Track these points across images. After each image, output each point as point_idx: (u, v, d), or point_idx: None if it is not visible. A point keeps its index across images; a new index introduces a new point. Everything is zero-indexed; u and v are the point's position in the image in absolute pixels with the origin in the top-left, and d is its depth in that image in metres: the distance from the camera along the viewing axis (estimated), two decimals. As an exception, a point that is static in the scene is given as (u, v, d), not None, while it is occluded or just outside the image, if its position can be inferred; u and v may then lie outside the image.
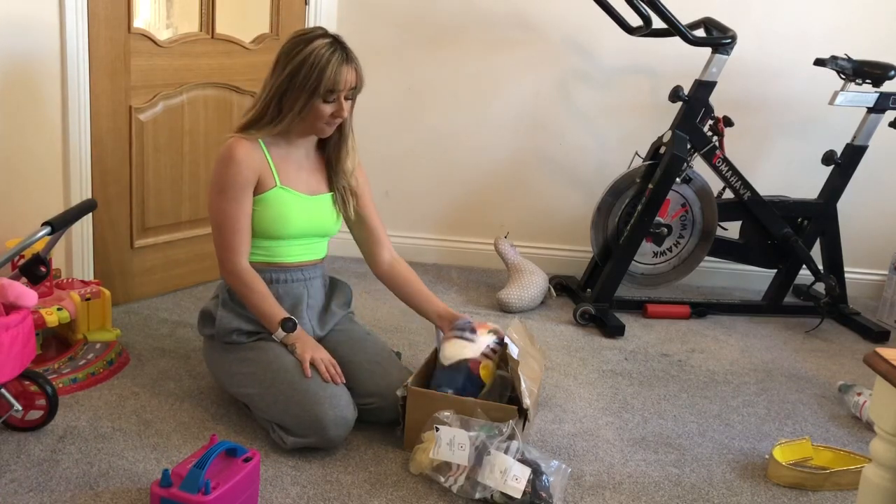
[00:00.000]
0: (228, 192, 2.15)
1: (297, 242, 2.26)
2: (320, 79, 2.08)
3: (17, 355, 1.97)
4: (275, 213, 2.19)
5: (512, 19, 3.48)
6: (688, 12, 3.16)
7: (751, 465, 2.26)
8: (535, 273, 3.31)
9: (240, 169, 2.14)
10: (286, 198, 2.21)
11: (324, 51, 2.09)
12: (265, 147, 2.19)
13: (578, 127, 3.59)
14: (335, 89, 2.11)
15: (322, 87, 2.09)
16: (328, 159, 2.30)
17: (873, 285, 3.71)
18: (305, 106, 2.12)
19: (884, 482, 1.58)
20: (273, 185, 2.19)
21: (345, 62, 2.11)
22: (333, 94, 2.12)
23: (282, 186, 2.20)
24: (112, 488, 1.92)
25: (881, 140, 3.31)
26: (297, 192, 2.22)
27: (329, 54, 2.09)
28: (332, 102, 2.13)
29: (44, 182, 2.63)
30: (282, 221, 2.21)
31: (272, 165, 2.19)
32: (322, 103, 2.12)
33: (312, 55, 2.08)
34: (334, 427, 2.07)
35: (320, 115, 2.14)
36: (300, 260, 2.27)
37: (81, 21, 2.57)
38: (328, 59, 2.08)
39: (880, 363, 1.53)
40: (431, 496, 1.99)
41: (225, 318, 2.22)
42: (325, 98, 2.11)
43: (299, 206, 2.23)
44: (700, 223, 3.30)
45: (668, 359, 2.91)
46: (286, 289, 2.26)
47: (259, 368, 2.17)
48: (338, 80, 2.10)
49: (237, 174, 2.14)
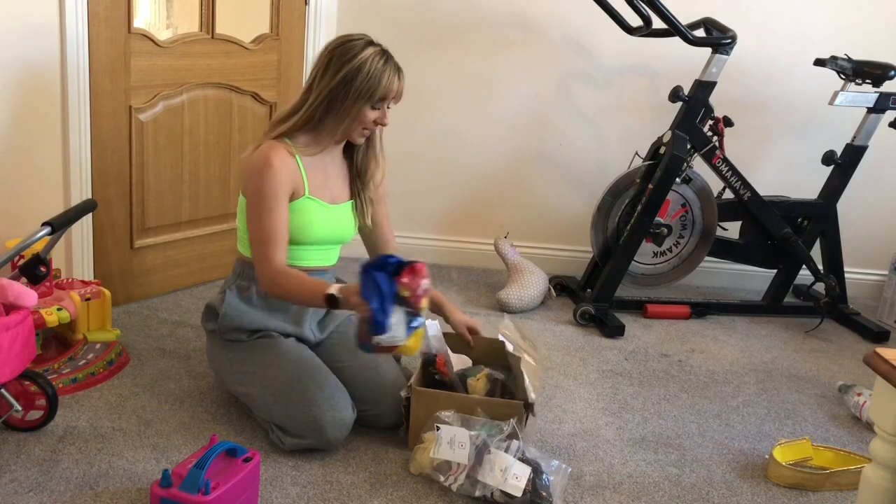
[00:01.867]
0: (268, 203, 2.09)
1: (314, 248, 2.25)
2: (378, 85, 2.10)
3: (17, 355, 1.97)
4: (300, 222, 2.17)
5: (512, 19, 3.48)
6: (688, 12, 3.16)
7: (751, 465, 2.26)
8: (535, 273, 3.31)
9: (278, 178, 2.10)
10: (311, 207, 2.19)
11: (379, 58, 2.11)
12: (298, 157, 2.16)
13: (578, 127, 3.59)
14: (387, 97, 2.13)
15: (377, 94, 2.10)
16: (356, 167, 2.29)
17: (873, 285, 3.71)
18: (354, 110, 2.12)
19: (884, 482, 1.58)
20: (303, 195, 2.17)
21: (397, 72, 2.14)
22: (384, 101, 2.14)
23: (309, 196, 2.18)
24: (112, 488, 1.92)
25: (881, 140, 3.32)
26: (320, 202, 2.21)
27: (384, 63, 2.12)
28: (378, 109, 2.15)
29: (44, 182, 2.63)
30: (305, 230, 2.19)
31: (304, 174, 2.17)
32: (370, 109, 2.13)
33: (370, 62, 2.09)
34: (332, 429, 2.07)
35: (364, 120, 2.14)
36: (314, 265, 2.26)
37: (81, 21, 2.57)
38: (383, 67, 2.11)
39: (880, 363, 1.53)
40: (431, 496, 1.99)
41: (228, 316, 2.22)
42: (375, 105, 2.13)
43: (322, 215, 2.21)
44: (700, 223, 3.30)
45: (668, 359, 2.91)
46: None
47: (259, 368, 2.17)
48: (391, 89, 2.12)
49: (276, 183, 2.09)
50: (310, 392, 2.08)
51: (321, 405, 2.06)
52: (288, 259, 2.18)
